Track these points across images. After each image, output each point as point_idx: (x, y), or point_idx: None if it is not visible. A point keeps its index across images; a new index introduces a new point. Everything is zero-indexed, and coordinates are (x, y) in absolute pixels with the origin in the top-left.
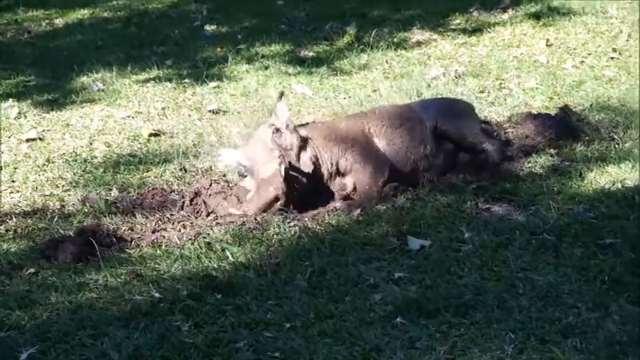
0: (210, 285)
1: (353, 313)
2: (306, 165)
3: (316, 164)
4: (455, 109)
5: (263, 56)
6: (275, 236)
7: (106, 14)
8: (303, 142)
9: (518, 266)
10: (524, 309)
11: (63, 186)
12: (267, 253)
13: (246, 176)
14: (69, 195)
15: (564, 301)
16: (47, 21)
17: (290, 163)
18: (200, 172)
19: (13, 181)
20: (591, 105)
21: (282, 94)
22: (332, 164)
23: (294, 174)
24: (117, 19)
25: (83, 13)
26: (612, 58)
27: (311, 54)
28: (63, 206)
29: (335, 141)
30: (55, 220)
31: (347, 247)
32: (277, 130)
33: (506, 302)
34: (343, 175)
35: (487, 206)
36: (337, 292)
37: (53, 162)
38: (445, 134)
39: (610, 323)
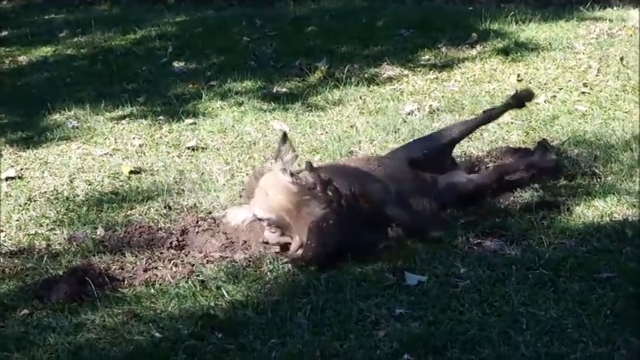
0: (210, 324)
1: (359, 350)
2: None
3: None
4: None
5: (236, 92)
6: (269, 273)
7: (69, 51)
8: (325, 178)
9: (518, 301)
10: (530, 344)
11: (47, 225)
12: (263, 291)
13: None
14: (54, 234)
15: (570, 336)
16: (10, 58)
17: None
18: (185, 209)
19: None
20: (568, 139)
21: (285, 136)
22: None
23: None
24: (82, 56)
25: (46, 50)
26: (583, 92)
27: (284, 90)
28: (49, 245)
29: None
30: (44, 259)
31: (343, 284)
32: (293, 174)
33: (512, 338)
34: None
35: (478, 241)
36: (340, 330)
37: (35, 201)
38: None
39: (619, 358)
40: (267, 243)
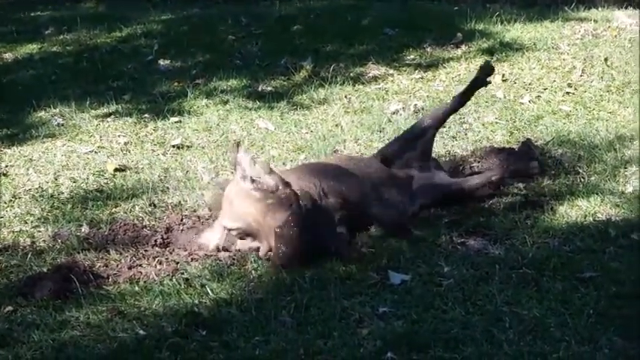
0: (195, 321)
1: (343, 348)
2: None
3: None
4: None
5: (222, 91)
6: (253, 272)
7: (55, 49)
8: (284, 179)
9: (501, 300)
10: (513, 343)
11: (32, 222)
12: (247, 289)
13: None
14: (39, 231)
15: (553, 335)
16: None
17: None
18: (170, 207)
19: None
20: (552, 139)
21: (238, 144)
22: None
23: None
24: (67, 54)
25: (32, 47)
26: (568, 93)
27: (269, 88)
28: (34, 242)
29: (308, 175)
30: (29, 257)
31: (327, 282)
32: (253, 180)
33: (495, 336)
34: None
35: (462, 240)
36: (324, 328)
37: (20, 198)
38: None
39: (601, 357)
40: (240, 251)
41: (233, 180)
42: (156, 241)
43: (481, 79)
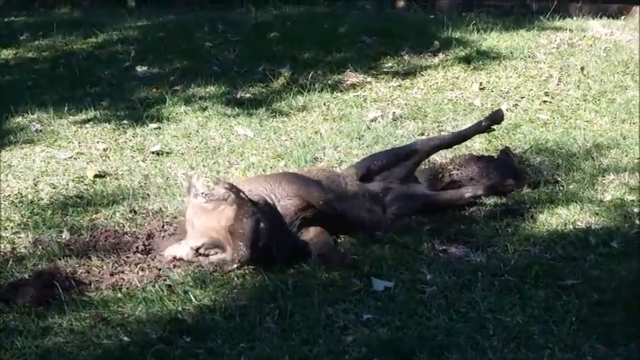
0: (179, 328)
1: (328, 355)
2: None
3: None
4: None
5: (200, 97)
6: (236, 278)
7: (31, 54)
8: (233, 186)
9: (485, 307)
10: (497, 350)
11: (12, 228)
12: (230, 296)
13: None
14: (19, 237)
15: (536, 342)
16: None
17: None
18: (150, 213)
19: None
20: (530, 147)
21: (189, 176)
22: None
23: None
24: (43, 60)
25: (7, 53)
26: (545, 101)
27: (248, 95)
28: (14, 249)
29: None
30: (10, 263)
31: (310, 289)
32: (205, 194)
33: (479, 343)
34: None
35: (444, 247)
36: (308, 335)
37: None
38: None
39: None
40: (215, 264)
41: (189, 204)
42: (137, 247)
43: (486, 126)
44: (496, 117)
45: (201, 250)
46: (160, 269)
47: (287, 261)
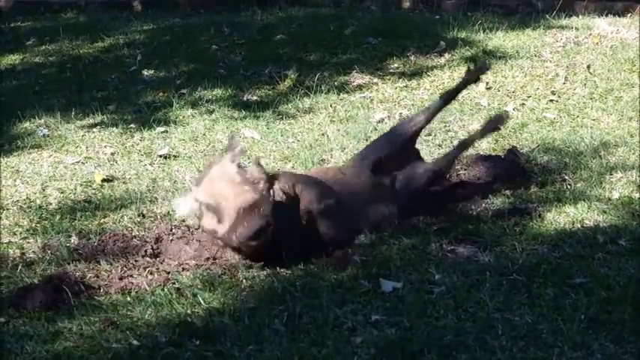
0: (188, 331)
1: (337, 356)
2: (278, 195)
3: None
4: None
5: (207, 100)
6: (245, 281)
7: (37, 59)
8: (270, 175)
9: (493, 307)
10: (506, 349)
11: (21, 233)
12: (239, 298)
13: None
14: (28, 242)
15: (545, 341)
16: None
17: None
18: (159, 217)
19: None
20: (537, 147)
21: (232, 135)
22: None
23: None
24: (50, 64)
25: (14, 58)
26: (551, 100)
27: (254, 98)
28: (24, 254)
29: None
30: (19, 268)
31: (319, 290)
32: (240, 165)
33: (488, 343)
34: None
35: (452, 247)
36: (317, 336)
37: (7, 209)
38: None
39: None
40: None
41: (221, 162)
42: (146, 251)
43: (472, 76)
44: (478, 70)
45: (202, 208)
46: (168, 273)
47: (296, 257)
